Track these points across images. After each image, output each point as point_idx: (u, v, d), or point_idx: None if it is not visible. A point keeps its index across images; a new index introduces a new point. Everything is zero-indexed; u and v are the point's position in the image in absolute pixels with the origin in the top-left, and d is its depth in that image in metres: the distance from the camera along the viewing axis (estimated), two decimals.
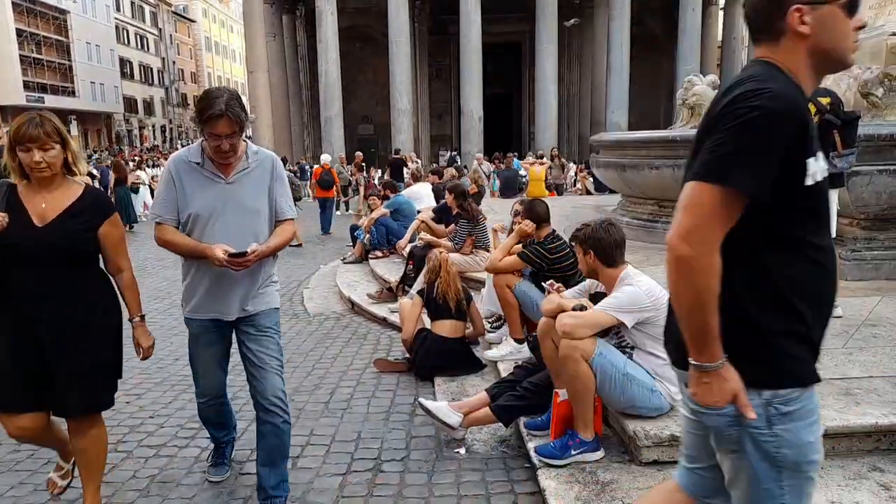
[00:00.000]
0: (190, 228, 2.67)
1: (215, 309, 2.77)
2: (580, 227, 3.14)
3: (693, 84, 8.10)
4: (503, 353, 4.45)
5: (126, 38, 54.56)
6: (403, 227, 8.03)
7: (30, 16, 40.94)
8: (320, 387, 4.40)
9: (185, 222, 2.67)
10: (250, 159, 2.70)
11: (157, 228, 2.70)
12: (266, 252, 2.67)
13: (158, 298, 7.43)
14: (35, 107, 41.04)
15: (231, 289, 2.73)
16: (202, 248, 2.60)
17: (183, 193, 2.65)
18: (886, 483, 2.64)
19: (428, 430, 3.62)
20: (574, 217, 8.66)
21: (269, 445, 2.81)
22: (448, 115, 31.08)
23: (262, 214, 2.72)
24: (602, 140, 9.24)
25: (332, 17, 23.25)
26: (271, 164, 2.77)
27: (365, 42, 28.12)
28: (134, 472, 3.28)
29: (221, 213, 2.65)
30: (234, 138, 2.54)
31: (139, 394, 4.40)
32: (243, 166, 2.68)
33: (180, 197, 2.66)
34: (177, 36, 65.44)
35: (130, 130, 54.78)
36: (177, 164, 2.70)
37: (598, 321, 2.91)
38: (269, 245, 2.70)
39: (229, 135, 2.51)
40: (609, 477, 2.82)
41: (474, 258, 6.22)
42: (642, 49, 26.43)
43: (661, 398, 2.92)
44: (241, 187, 2.68)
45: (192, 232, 2.67)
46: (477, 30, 22.88)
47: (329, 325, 6.01)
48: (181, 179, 2.66)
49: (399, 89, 23.45)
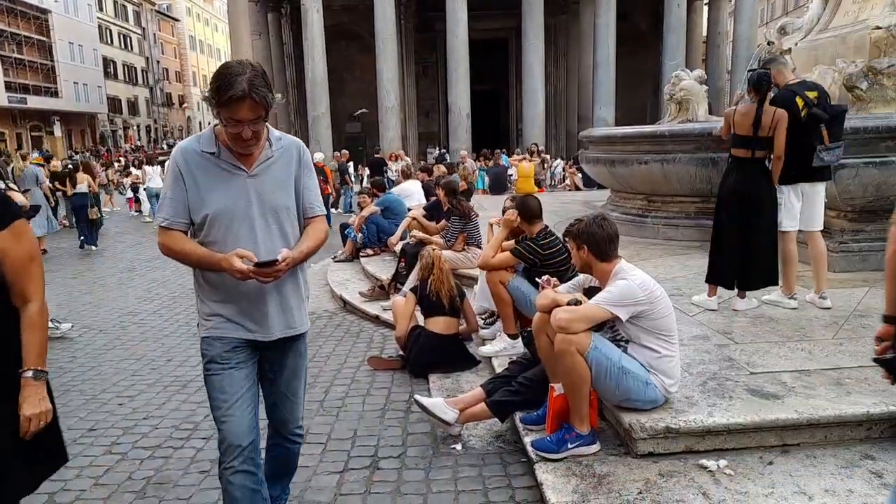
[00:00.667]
0: (206, 233, 2.23)
1: (250, 327, 2.28)
2: (574, 222, 3.16)
3: (681, 79, 8.13)
4: (497, 349, 4.46)
5: (109, 38, 53.97)
6: (394, 225, 8.02)
7: (10, 15, 40.36)
8: (314, 385, 4.39)
9: (201, 225, 2.22)
10: (274, 147, 2.27)
11: (163, 235, 2.23)
12: (299, 258, 2.26)
13: (147, 300, 7.38)
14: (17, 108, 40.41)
15: (271, 300, 2.28)
16: (217, 260, 2.15)
17: (196, 191, 2.20)
18: (878, 471, 2.68)
19: (424, 427, 3.63)
20: (563, 213, 8.70)
21: (279, 464, 2.61)
22: (435, 112, 31.01)
23: (291, 212, 2.31)
24: (591, 135, 9.28)
25: (318, 15, 23.11)
26: (297, 151, 2.34)
27: (351, 40, 27.99)
28: (129, 474, 3.27)
29: (245, 212, 2.22)
30: (259, 124, 2.13)
31: (132, 395, 4.37)
32: (266, 155, 2.25)
33: (192, 195, 2.20)
34: (161, 35, 64.80)
35: (115, 131, 54.21)
36: (185, 155, 2.22)
37: (593, 315, 2.92)
38: (301, 250, 2.27)
39: (253, 120, 2.09)
40: (605, 470, 2.84)
41: (466, 255, 6.23)
42: (628, 45, 26.48)
43: (655, 391, 2.95)
44: (265, 180, 2.25)
45: (208, 237, 2.23)
46: (463, 27, 22.84)
47: (321, 324, 6.00)
48: (193, 174, 2.20)
49: (386, 87, 23.36)
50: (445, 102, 25.83)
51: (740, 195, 4.36)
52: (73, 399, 4.34)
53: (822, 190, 4.53)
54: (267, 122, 2.19)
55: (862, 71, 6.17)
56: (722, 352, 3.71)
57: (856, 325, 4.05)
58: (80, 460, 3.41)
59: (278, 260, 2.14)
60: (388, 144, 22.94)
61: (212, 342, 2.29)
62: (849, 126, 4.50)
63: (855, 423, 2.91)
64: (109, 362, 5.12)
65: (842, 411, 2.90)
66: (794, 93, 4.34)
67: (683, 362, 3.31)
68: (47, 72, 43.82)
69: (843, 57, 6.74)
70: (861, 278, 5.12)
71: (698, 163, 6.68)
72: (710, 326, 4.18)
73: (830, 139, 4.24)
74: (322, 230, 2.38)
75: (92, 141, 49.47)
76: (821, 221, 4.58)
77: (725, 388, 3.19)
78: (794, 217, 4.45)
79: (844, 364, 3.41)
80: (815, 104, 4.28)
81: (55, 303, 6.29)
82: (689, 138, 6.89)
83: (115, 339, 5.78)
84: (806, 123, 4.25)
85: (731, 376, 3.33)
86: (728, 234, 4.46)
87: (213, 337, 2.29)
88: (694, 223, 7.02)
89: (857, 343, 3.70)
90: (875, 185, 5.16)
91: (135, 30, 59.36)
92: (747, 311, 4.47)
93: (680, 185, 7.02)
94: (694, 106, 7.86)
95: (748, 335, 3.99)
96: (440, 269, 4.68)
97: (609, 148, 8.18)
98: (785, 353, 3.64)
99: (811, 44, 7.66)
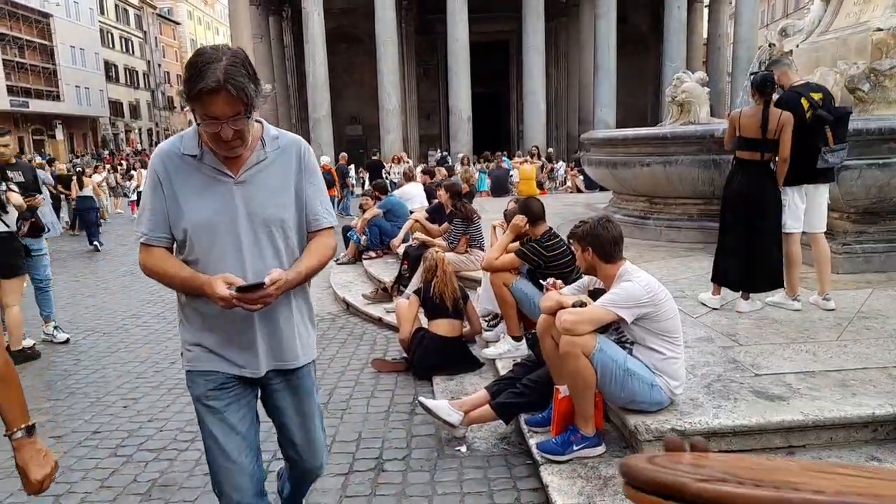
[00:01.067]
0: (188, 251, 1.93)
1: (236, 359, 1.98)
2: (578, 224, 3.17)
3: (682, 81, 8.14)
4: (501, 352, 4.46)
5: (111, 42, 54.07)
6: (397, 228, 8.04)
7: (12, 19, 40.46)
8: (318, 388, 4.39)
9: (182, 241, 1.92)
10: (268, 147, 1.93)
11: (143, 252, 1.94)
12: (295, 280, 1.91)
13: (151, 302, 7.39)
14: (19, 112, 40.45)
15: (259, 328, 1.96)
16: (199, 283, 1.85)
17: (175, 200, 1.89)
18: None
19: (428, 429, 3.63)
20: (566, 215, 8.70)
21: (298, 486, 2.42)
22: (436, 114, 31.06)
23: (287, 225, 1.96)
24: (592, 138, 9.28)
25: (319, 18, 23.16)
26: (298, 152, 1.99)
27: (351, 43, 28.04)
28: (134, 477, 3.27)
29: (230, 226, 1.89)
30: (240, 121, 1.76)
31: (136, 398, 4.38)
32: (259, 158, 1.92)
33: (171, 205, 1.89)
34: (162, 38, 64.95)
35: (117, 134, 54.27)
36: (164, 158, 1.91)
37: (598, 317, 2.93)
38: (298, 270, 1.93)
39: (232, 117, 1.74)
40: (611, 472, 2.84)
41: (469, 257, 6.23)
42: (628, 47, 26.53)
43: (661, 393, 2.95)
44: (256, 188, 1.91)
45: (189, 255, 1.92)
46: (464, 29, 22.88)
47: (324, 326, 6.01)
48: (171, 181, 1.89)
49: (388, 90, 23.41)
50: (446, 105, 25.88)
51: (745, 197, 4.37)
52: (77, 402, 4.35)
53: (826, 191, 4.53)
54: (252, 116, 1.84)
55: (864, 73, 6.18)
56: (726, 353, 3.71)
57: (860, 326, 4.05)
58: (85, 463, 3.43)
59: (265, 283, 1.80)
60: (389, 147, 22.98)
61: (195, 378, 2.00)
62: (851, 127, 4.50)
63: (860, 424, 2.91)
64: (113, 365, 5.13)
65: (847, 413, 2.90)
66: (799, 94, 4.34)
67: (688, 364, 3.31)
68: (49, 75, 43.91)
69: (844, 59, 6.74)
70: (865, 280, 5.12)
71: (700, 164, 6.69)
72: (714, 328, 4.18)
73: (835, 141, 4.24)
74: (328, 246, 2.05)
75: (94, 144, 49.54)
76: (824, 223, 4.57)
77: (730, 389, 3.19)
78: (797, 218, 4.45)
79: (849, 366, 3.41)
80: (820, 106, 4.28)
81: (57, 306, 6.30)
82: (691, 140, 6.90)
83: (119, 342, 5.79)
84: (811, 125, 4.25)
85: (736, 378, 3.33)
86: (733, 237, 4.46)
87: (196, 372, 2.00)
88: (696, 225, 7.02)
89: (862, 345, 3.70)
90: (878, 187, 5.16)
91: (136, 33, 59.49)
92: (751, 312, 4.47)
93: (682, 186, 7.03)
94: (696, 108, 7.86)
95: (752, 337, 3.99)
96: (444, 272, 4.68)
97: (611, 150, 8.18)
98: (789, 354, 3.63)
99: (812, 46, 7.67)
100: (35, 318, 5.88)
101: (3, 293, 5.14)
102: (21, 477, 1.64)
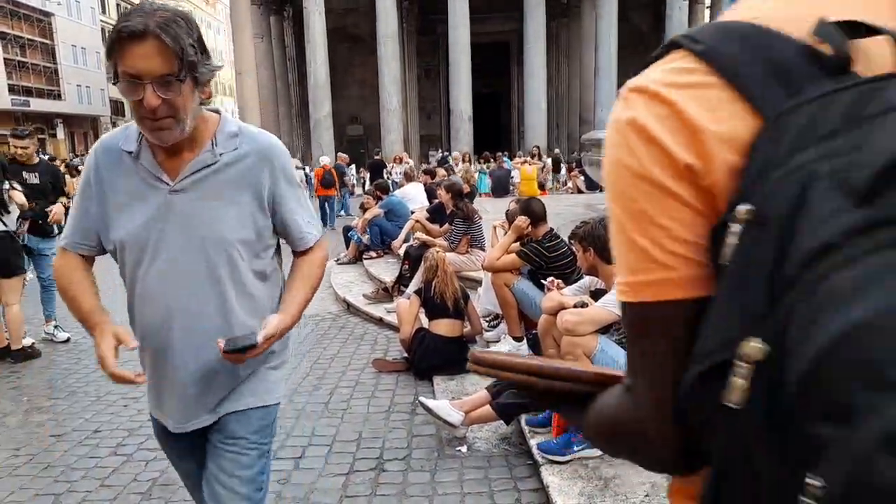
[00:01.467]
0: (119, 269, 1.60)
1: (162, 406, 1.65)
2: (579, 224, 3.18)
3: None
4: (502, 352, 4.46)
5: None
6: (398, 228, 8.04)
7: (13, 18, 40.52)
8: (319, 387, 4.40)
9: (114, 257, 1.59)
10: (220, 147, 1.50)
11: (59, 257, 1.64)
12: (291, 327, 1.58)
13: None
14: (20, 111, 40.50)
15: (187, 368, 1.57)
16: (91, 325, 1.53)
17: (103, 205, 1.52)
18: None
19: (429, 429, 3.63)
20: (567, 216, 8.70)
21: None
22: (437, 114, 31.09)
23: (237, 250, 1.53)
24: (594, 138, 9.29)
25: (320, 18, 23.18)
26: (268, 158, 1.55)
27: (353, 42, 28.07)
28: (135, 476, 3.27)
29: (157, 245, 1.50)
30: (171, 87, 1.33)
31: (136, 397, 4.37)
32: (206, 161, 1.49)
33: (99, 211, 1.53)
34: None
35: None
36: (99, 153, 1.55)
37: (600, 318, 2.93)
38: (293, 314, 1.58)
39: (161, 78, 1.32)
40: (612, 472, 2.84)
41: (470, 257, 6.23)
42: (630, 46, 26.51)
43: None
44: (198, 200, 1.49)
45: (121, 274, 1.60)
46: (465, 29, 22.89)
47: (325, 326, 6.01)
48: (102, 181, 1.53)
49: (388, 89, 23.43)
50: (447, 105, 25.91)
51: None
52: (78, 400, 4.35)
53: None
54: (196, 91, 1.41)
55: None
56: None
57: None
58: (85, 462, 3.43)
59: (256, 344, 1.45)
60: (389, 146, 22.98)
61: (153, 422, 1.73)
62: None
63: None
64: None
65: None
66: None
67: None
68: (50, 74, 43.97)
69: None
70: None
71: None
72: None
73: None
74: (319, 265, 1.71)
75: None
76: None
77: None
78: None
79: None
80: None
81: (58, 305, 6.30)
82: None
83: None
84: None
85: None
86: None
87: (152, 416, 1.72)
88: None
89: None
90: None
91: None
92: None
93: None
94: None
95: None
96: (444, 272, 4.68)
97: None
98: None
99: None
100: (35, 317, 5.88)
101: (3, 292, 5.14)
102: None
